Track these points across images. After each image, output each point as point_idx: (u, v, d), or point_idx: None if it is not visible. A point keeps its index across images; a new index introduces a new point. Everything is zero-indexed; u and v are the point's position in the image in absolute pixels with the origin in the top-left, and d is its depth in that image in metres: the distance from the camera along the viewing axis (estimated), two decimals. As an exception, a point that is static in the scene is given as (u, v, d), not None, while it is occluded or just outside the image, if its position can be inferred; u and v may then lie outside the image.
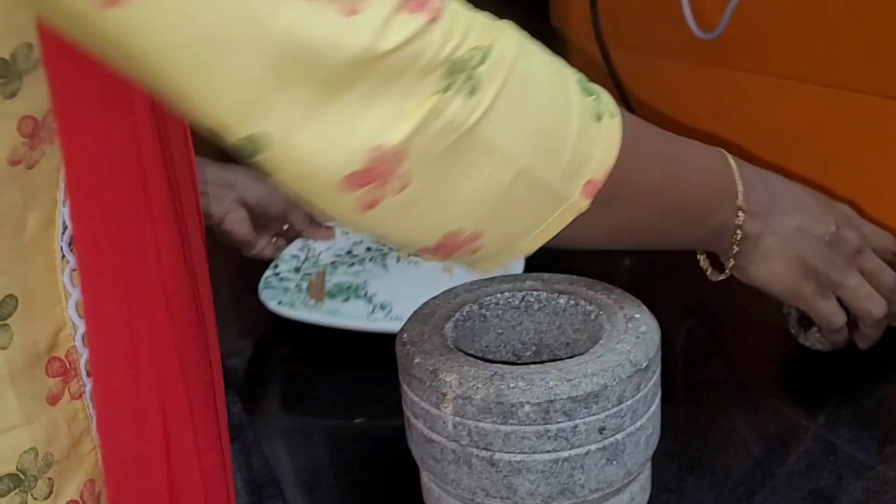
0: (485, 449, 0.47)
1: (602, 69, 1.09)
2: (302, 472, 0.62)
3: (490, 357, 0.57)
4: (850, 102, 0.83)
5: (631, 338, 0.49)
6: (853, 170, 0.85)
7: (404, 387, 0.51)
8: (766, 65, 0.92)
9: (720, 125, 1.01)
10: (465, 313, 0.55)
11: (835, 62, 0.84)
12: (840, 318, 0.60)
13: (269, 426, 0.67)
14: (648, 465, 0.52)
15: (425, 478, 0.53)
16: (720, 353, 0.71)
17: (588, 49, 1.17)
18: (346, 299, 0.82)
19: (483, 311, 0.56)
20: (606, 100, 0.45)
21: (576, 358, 0.48)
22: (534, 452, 0.46)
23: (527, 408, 0.45)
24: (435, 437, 0.49)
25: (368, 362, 0.71)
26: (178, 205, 0.46)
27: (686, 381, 0.66)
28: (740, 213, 0.54)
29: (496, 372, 0.47)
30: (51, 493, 0.43)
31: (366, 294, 0.82)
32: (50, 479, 0.43)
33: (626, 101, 1.08)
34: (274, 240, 0.88)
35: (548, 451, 0.46)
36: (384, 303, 0.79)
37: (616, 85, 1.08)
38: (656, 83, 1.08)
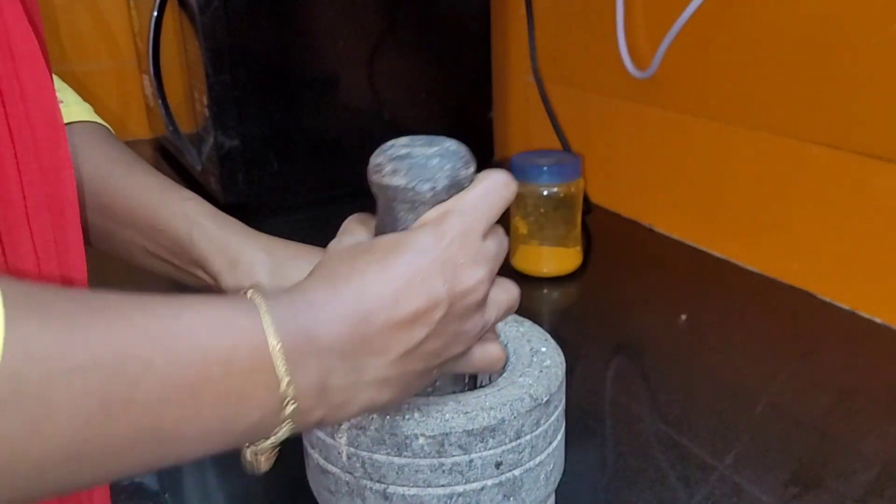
0: (378, 482, 0.45)
1: (539, 104, 1.10)
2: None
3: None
4: (776, 146, 0.84)
5: (534, 371, 0.49)
6: (780, 211, 0.86)
7: (302, 415, 0.49)
8: (696, 105, 0.93)
9: (652, 163, 1.02)
10: (371, 342, 0.54)
11: (761, 106, 0.85)
12: (495, 352, 0.45)
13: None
14: (551, 501, 0.52)
15: (323, 511, 0.52)
16: (634, 391, 0.70)
17: (526, 85, 1.18)
18: None
19: (391, 340, 0.55)
20: None
21: (476, 391, 0.47)
22: (428, 486, 0.45)
23: (421, 440, 0.44)
24: (330, 468, 0.47)
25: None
26: None
27: (596, 418, 0.66)
28: (288, 406, 0.35)
29: (393, 403, 0.46)
30: None
31: None
32: None
33: (561, 136, 1.08)
34: None
35: (442, 486, 0.45)
36: None
37: (552, 120, 1.09)
38: (591, 119, 1.09)
